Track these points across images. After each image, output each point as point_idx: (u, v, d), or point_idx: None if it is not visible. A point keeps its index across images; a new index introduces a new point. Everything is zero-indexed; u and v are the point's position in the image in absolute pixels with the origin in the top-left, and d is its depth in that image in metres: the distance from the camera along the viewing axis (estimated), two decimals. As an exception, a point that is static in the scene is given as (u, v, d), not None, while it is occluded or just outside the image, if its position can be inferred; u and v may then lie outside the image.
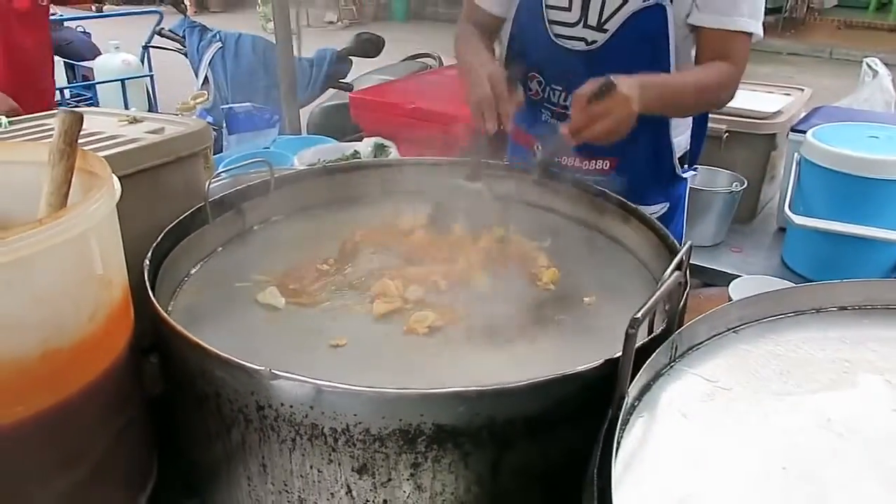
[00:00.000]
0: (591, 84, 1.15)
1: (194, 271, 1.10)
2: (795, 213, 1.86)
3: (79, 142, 0.81)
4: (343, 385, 0.70)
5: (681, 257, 0.82)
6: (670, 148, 1.47)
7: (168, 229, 1.03)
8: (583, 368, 0.73)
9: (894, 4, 11.92)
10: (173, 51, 4.00)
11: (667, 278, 0.75)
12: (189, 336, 0.76)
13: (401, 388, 0.70)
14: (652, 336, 0.80)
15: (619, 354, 0.68)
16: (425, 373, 0.88)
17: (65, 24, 5.93)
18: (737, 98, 2.32)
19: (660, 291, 0.72)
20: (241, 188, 1.22)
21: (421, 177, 1.36)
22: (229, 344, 0.76)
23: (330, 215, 1.30)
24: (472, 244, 1.16)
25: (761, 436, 0.70)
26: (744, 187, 2.10)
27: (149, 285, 0.88)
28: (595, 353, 0.75)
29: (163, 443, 0.94)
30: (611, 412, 0.69)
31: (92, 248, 0.71)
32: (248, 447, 0.78)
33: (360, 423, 0.71)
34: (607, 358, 0.74)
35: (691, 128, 1.51)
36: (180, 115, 1.90)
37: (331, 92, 3.97)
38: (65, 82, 5.43)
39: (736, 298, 0.94)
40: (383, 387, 0.70)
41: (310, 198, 1.32)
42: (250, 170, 1.31)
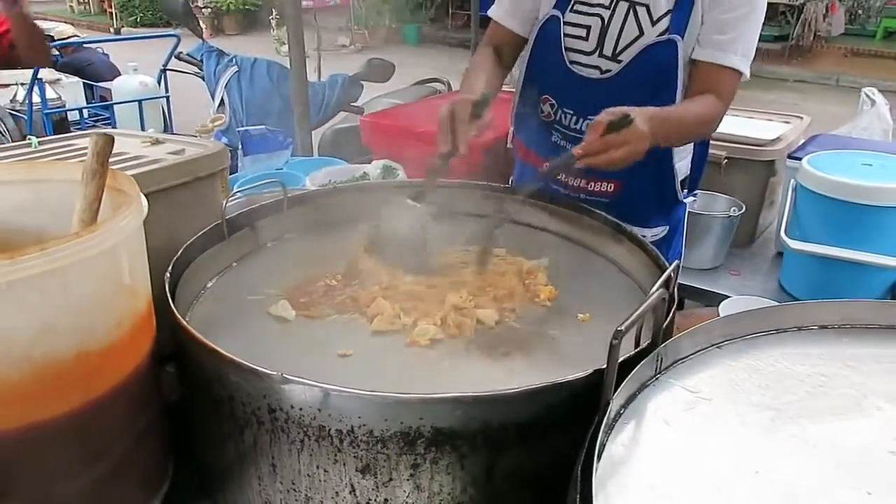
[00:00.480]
0: (609, 113, 1.19)
1: (210, 284, 1.17)
2: (791, 238, 1.91)
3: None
4: (349, 389, 0.76)
5: (667, 276, 0.88)
6: (673, 173, 1.53)
7: (187, 245, 1.10)
8: (572, 377, 0.79)
9: (901, 33, 12.01)
10: (191, 74, 4.11)
11: (651, 294, 0.81)
12: (206, 342, 0.82)
13: (402, 393, 0.76)
14: (639, 349, 0.85)
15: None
16: (425, 381, 0.94)
17: (84, 46, 6.10)
18: (737, 125, 2.42)
19: (643, 306, 0.78)
20: (255, 207, 1.29)
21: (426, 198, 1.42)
22: (243, 352, 0.82)
23: (339, 234, 1.36)
24: (473, 262, 1.22)
25: (737, 442, 0.75)
26: (742, 212, 2.15)
27: (170, 296, 0.94)
28: (586, 365, 0.80)
29: (178, 447, 1.00)
30: (596, 417, 0.74)
31: (121, 260, 0.78)
32: (260, 448, 0.84)
33: (364, 426, 0.77)
34: (595, 368, 0.79)
35: (692, 154, 1.57)
36: (199, 136, 1.98)
37: (342, 114, 4.07)
38: (83, 102, 5.57)
39: (724, 317, 1.00)
40: (386, 391, 0.76)
41: (320, 217, 1.39)
42: (264, 190, 1.38)
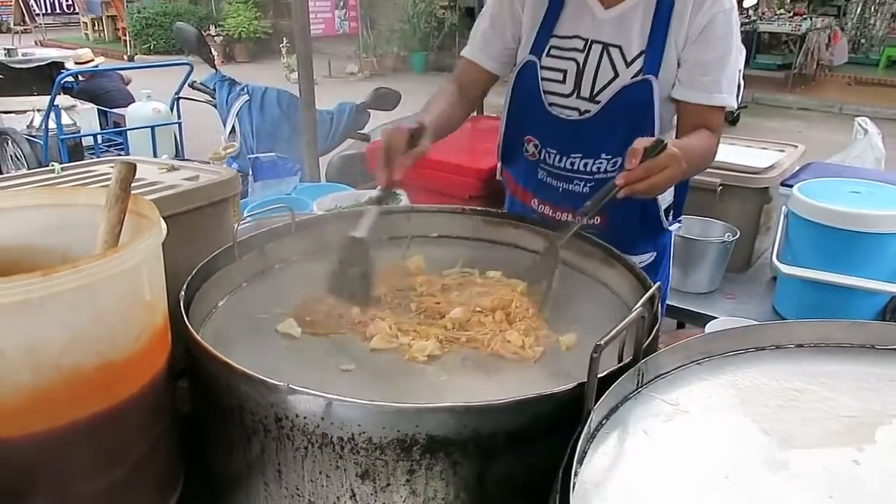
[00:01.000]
0: (643, 141, 1.20)
1: (221, 303, 1.23)
2: (783, 263, 1.97)
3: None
4: (350, 399, 0.82)
5: (648, 296, 0.94)
6: (656, 203, 1.59)
7: (200, 266, 1.17)
8: (557, 390, 0.85)
9: (904, 62, 12.14)
10: (203, 102, 4.23)
11: (632, 313, 0.87)
12: (219, 356, 0.89)
13: (399, 403, 0.82)
14: (621, 364, 0.91)
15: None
16: (422, 392, 1.00)
17: (100, 72, 6.27)
18: (733, 153, 2.49)
19: (623, 324, 0.84)
20: (265, 230, 1.36)
21: (428, 222, 1.49)
22: (252, 365, 0.88)
23: (344, 256, 1.43)
24: (471, 284, 1.29)
25: (710, 450, 0.80)
26: (736, 237, 2.21)
27: (184, 313, 1.01)
28: (575, 380, 0.86)
29: (189, 456, 1.06)
30: (579, 426, 0.80)
31: (143, 278, 0.85)
32: (266, 455, 0.90)
33: (364, 433, 0.83)
34: (579, 382, 0.85)
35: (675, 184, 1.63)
36: (212, 163, 2.07)
37: (349, 141, 4.17)
38: (97, 128, 5.72)
39: (708, 336, 1.05)
40: (384, 401, 0.82)
41: (326, 240, 1.45)
42: (273, 214, 1.45)
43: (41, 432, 0.77)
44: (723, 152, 2.47)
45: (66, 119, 5.17)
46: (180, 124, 5.46)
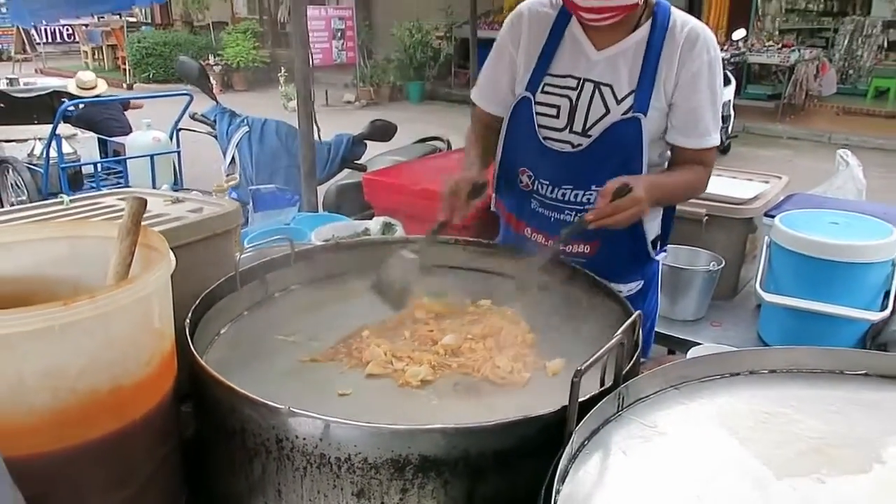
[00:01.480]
0: (613, 183, 1.39)
1: (224, 331, 1.29)
2: (766, 291, 2.03)
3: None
4: (347, 421, 0.88)
5: (628, 323, 1.00)
6: (643, 234, 1.66)
7: (204, 295, 1.22)
8: (541, 412, 0.90)
9: (891, 93, 12.37)
10: (204, 133, 4.32)
11: (612, 340, 0.93)
12: (223, 380, 0.94)
13: (393, 424, 0.88)
14: (602, 388, 0.97)
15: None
16: (415, 415, 1.05)
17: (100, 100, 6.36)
18: (719, 185, 2.57)
19: (602, 350, 0.90)
20: (265, 260, 1.41)
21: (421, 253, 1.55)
22: (253, 390, 0.93)
23: (341, 285, 1.49)
24: (463, 312, 1.35)
25: (684, 470, 0.85)
26: (721, 266, 2.27)
27: (189, 340, 1.06)
28: (559, 404, 0.91)
29: (190, 478, 1.10)
30: (562, 447, 0.85)
31: (153, 307, 0.91)
32: (267, 475, 0.94)
33: (360, 454, 0.88)
34: (563, 405, 0.90)
35: (661, 215, 1.70)
36: (214, 195, 2.13)
37: (346, 170, 4.26)
38: (97, 157, 5.79)
39: (689, 363, 1.11)
40: (379, 423, 0.87)
41: (324, 270, 1.51)
42: (273, 244, 1.51)
43: (57, 451, 0.82)
44: (710, 183, 2.57)
45: (66, 148, 5.25)
46: (179, 153, 5.54)
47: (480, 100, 1.75)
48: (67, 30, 19.78)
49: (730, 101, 9.03)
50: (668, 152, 1.64)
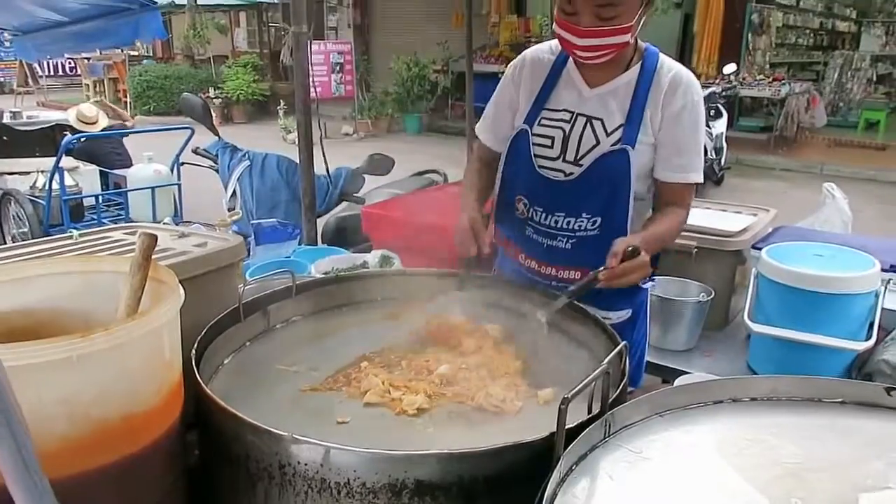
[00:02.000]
0: (622, 244, 1.48)
1: (227, 361, 1.33)
2: (754, 322, 2.09)
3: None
4: (346, 447, 0.92)
5: (615, 353, 1.05)
6: None
7: (209, 326, 1.27)
8: (531, 438, 0.95)
9: (881, 125, 12.59)
10: (206, 167, 4.41)
11: (598, 369, 0.98)
12: (228, 408, 0.99)
13: (390, 450, 0.92)
14: (590, 416, 1.01)
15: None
16: (412, 442, 1.10)
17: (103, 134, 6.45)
18: (708, 217, 2.63)
19: (588, 378, 0.95)
20: (267, 293, 1.47)
21: (418, 285, 1.61)
22: (256, 418, 0.98)
23: (341, 316, 1.54)
24: (455, 344, 1.40)
25: (668, 494, 0.90)
26: (711, 297, 2.33)
27: (196, 370, 1.11)
28: (549, 431, 0.96)
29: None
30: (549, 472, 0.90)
31: (164, 339, 0.96)
32: (270, 500, 0.98)
33: (359, 478, 0.92)
34: (552, 432, 0.95)
35: None
36: (217, 229, 2.19)
37: (344, 203, 4.33)
38: (98, 189, 5.86)
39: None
40: (377, 449, 0.92)
41: (324, 302, 1.57)
42: (275, 277, 1.56)
43: (72, 476, 0.86)
44: (699, 216, 2.64)
45: (68, 180, 5.33)
46: (180, 185, 5.61)
47: (484, 133, 1.87)
48: (70, 63, 20.05)
49: (722, 133, 9.18)
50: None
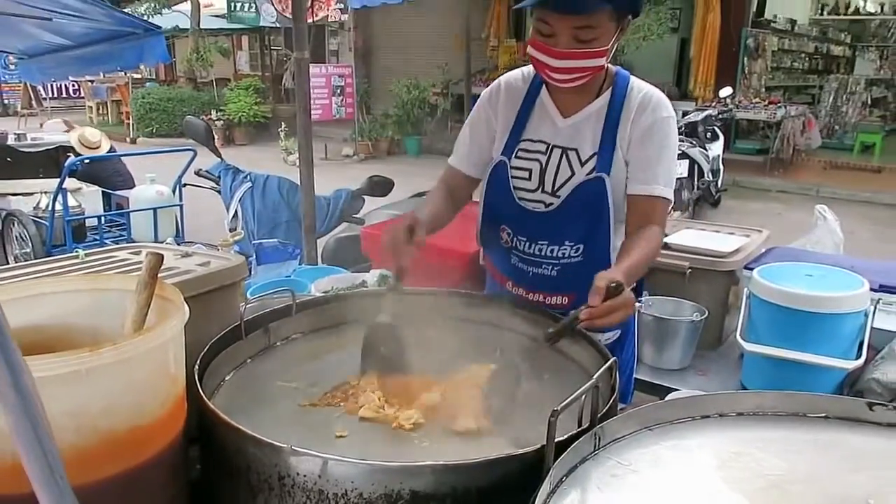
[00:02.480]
0: (602, 280, 1.32)
1: (229, 377, 1.37)
2: (747, 341, 2.12)
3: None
4: (344, 459, 0.95)
5: (604, 369, 1.09)
6: None
7: (211, 343, 1.31)
8: (523, 451, 0.98)
9: (877, 147, 12.70)
10: (208, 189, 4.47)
11: (587, 383, 1.02)
12: (230, 421, 1.02)
13: (386, 462, 0.95)
14: (580, 429, 1.05)
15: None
16: (407, 455, 1.13)
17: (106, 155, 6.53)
18: (702, 238, 2.68)
19: (577, 392, 0.98)
20: (268, 311, 1.51)
21: (416, 305, 1.64)
22: (257, 431, 1.01)
23: (340, 335, 1.58)
24: (452, 364, 1.43)
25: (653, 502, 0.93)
26: (704, 317, 2.36)
27: (199, 385, 1.14)
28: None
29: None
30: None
31: (169, 354, 0.99)
32: (269, 511, 1.02)
33: (356, 489, 0.96)
34: (542, 444, 0.98)
35: None
36: (220, 249, 2.24)
37: (344, 224, 4.38)
38: (101, 210, 5.92)
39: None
40: (373, 461, 0.95)
41: (324, 320, 1.60)
42: (276, 295, 1.60)
43: (78, 487, 0.89)
44: (693, 237, 2.69)
45: (71, 201, 5.38)
46: (182, 206, 5.67)
47: (460, 162, 1.85)
48: (73, 85, 20.27)
49: (719, 155, 9.27)
50: None
